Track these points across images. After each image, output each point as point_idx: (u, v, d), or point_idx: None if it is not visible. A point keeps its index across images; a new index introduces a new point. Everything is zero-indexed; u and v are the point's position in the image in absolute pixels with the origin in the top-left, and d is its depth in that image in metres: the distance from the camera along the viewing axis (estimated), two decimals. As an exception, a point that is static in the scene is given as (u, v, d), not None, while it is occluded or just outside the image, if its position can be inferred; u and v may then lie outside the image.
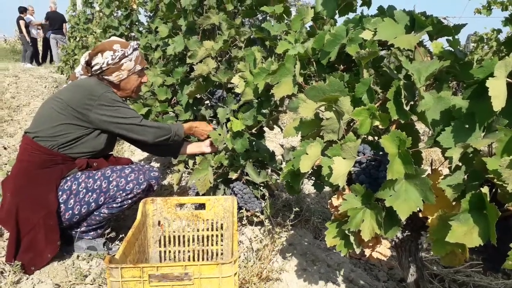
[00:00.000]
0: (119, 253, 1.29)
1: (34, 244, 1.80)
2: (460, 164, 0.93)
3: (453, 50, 1.06)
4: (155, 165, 3.58)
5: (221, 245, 1.79)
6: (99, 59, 1.94)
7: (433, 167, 1.18)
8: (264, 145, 2.14)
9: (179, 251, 1.78)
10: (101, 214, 1.91)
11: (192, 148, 2.26)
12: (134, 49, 2.00)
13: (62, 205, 1.86)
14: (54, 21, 11.61)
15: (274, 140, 4.87)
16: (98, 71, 1.96)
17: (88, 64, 1.99)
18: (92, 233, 1.97)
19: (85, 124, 1.87)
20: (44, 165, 1.84)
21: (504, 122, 0.82)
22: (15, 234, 1.79)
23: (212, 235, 1.79)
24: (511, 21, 1.03)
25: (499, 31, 3.87)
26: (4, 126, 4.76)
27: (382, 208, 0.99)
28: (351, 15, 1.42)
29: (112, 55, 1.93)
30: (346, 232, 1.06)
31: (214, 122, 2.34)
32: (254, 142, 2.06)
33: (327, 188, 1.68)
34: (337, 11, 1.42)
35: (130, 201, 1.90)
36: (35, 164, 1.85)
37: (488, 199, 0.80)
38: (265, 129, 2.07)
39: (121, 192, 1.87)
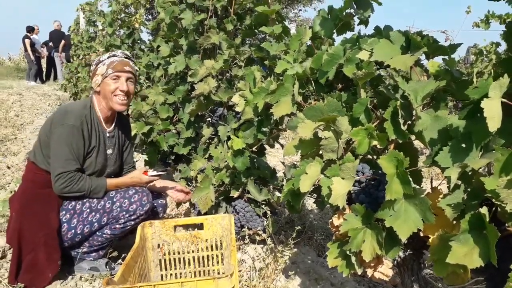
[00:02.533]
0: (118, 276, 1.29)
1: (35, 264, 1.80)
2: (459, 182, 0.93)
3: (449, 69, 1.08)
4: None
5: (222, 265, 1.78)
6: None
7: (434, 183, 1.18)
8: (265, 162, 2.15)
9: (180, 274, 1.77)
10: (104, 235, 1.91)
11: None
12: (111, 56, 1.98)
13: (65, 224, 1.87)
14: (58, 40, 11.80)
15: (276, 155, 4.87)
16: None
17: None
18: (94, 254, 1.96)
19: None
20: (48, 185, 1.86)
21: (501, 142, 0.83)
22: (17, 253, 1.79)
23: (212, 255, 1.78)
24: (506, 38, 1.03)
25: (498, 44, 3.90)
26: (8, 144, 4.79)
27: (382, 228, 0.98)
28: (349, 34, 1.45)
29: (92, 63, 2.01)
30: (348, 252, 1.06)
31: (216, 139, 2.35)
32: (255, 160, 2.06)
33: (329, 205, 1.68)
34: (334, 31, 1.44)
35: (133, 222, 1.89)
36: (39, 184, 1.88)
37: (488, 219, 0.80)
38: (266, 145, 2.07)
39: (124, 213, 1.87)
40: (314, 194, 1.80)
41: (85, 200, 1.89)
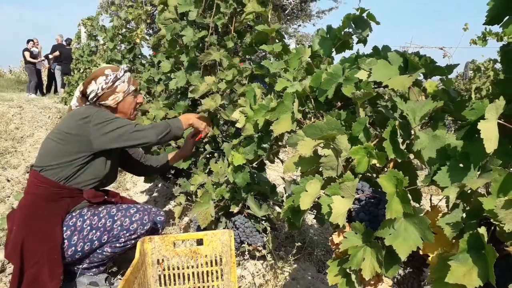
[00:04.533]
0: (119, 293, 1.28)
1: (37, 278, 1.79)
2: (458, 201, 0.94)
3: (446, 89, 1.09)
4: (157, 197, 3.59)
5: (222, 281, 1.77)
6: (93, 86, 1.99)
7: (434, 198, 1.19)
8: (265, 177, 2.15)
9: (180, 290, 1.76)
10: (104, 253, 1.91)
11: (178, 154, 2.40)
12: (125, 71, 2.07)
13: (65, 241, 1.86)
14: (60, 53, 11.92)
15: (276, 169, 4.88)
16: (95, 98, 1.99)
17: (84, 94, 2.03)
18: (94, 269, 1.96)
19: (87, 148, 1.89)
20: (51, 198, 1.86)
21: (498, 162, 0.84)
22: (19, 267, 1.78)
23: (212, 271, 1.78)
24: (501, 60, 1.05)
25: (495, 61, 3.95)
26: (8, 157, 4.79)
27: (382, 246, 0.99)
28: (347, 52, 1.47)
29: (105, 80, 1.98)
30: (348, 270, 1.06)
31: (216, 154, 2.36)
32: (255, 175, 2.07)
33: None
34: (333, 49, 1.47)
35: (133, 241, 1.89)
36: (42, 197, 1.87)
37: (486, 239, 0.81)
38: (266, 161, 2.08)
39: (124, 232, 1.88)
40: (314, 210, 1.80)
41: (85, 218, 1.90)
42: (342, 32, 1.41)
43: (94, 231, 1.88)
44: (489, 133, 0.77)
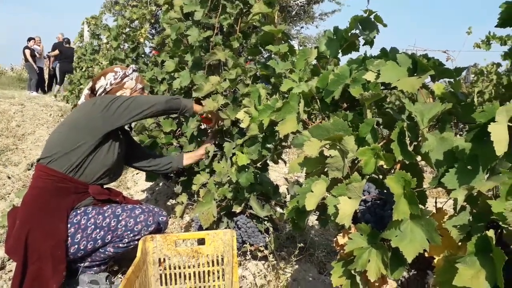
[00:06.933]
0: (121, 291, 1.28)
1: (40, 274, 1.77)
2: (465, 204, 0.94)
3: (454, 91, 1.09)
4: (158, 195, 3.58)
5: (223, 281, 1.77)
6: (102, 81, 2.07)
7: (437, 203, 1.18)
8: (268, 178, 2.15)
9: (181, 289, 1.76)
10: (106, 252, 1.90)
11: (192, 156, 2.40)
12: (134, 70, 2.14)
13: (69, 239, 1.85)
14: (60, 51, 11.94)
15: (277, 170, 4.87)
16: (103, 94, 2.06)
17: (93, 89, 2.09)
18: (95, 268, 1.95)
19: (94, 134, 1.90)
20: (57, 193, 1.85)
21: (507, 165, 0.84)
22: (21, 263, 1.76)
23: (213, 271, 1.77)
24: (510, 55, 1.06)
25: (498, 64, 3.95)
26: (9, 155, 4.79)
27: (387, 248, 0.99)
28: (354, 54, 1.47)
29: (114, 76, 2.07)
30: (352, 272, 1.06)
31: (219, 155, 2.36)
32: (258, 175, 2.06)
33: (331, 223, 1.68)
34: (340, 51, 1.46)
35: (136, 242, 1.88)
36: (48, 192, 1.85)
37: (494, 242, 0.80)
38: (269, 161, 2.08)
39: (128, 232, 1.87)
40: (317, 212, 1.80)
41: (90, 216, 1.89)
42: (349, 34, 1.41)
43: (98, 230, 1.87)
44: (500, 136, 0.77)
